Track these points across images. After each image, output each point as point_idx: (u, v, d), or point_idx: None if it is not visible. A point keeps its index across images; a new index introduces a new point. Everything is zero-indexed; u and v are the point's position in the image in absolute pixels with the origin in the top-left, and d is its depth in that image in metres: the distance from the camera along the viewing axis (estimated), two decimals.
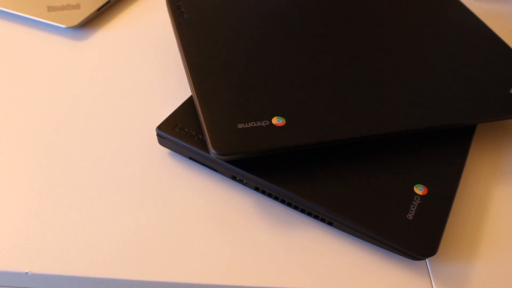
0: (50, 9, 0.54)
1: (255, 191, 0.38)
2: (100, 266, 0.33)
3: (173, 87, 0.47)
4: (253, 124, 0.35)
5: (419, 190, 0.36)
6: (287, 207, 0.37)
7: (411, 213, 0.35)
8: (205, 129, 0.35)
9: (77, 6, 0.55)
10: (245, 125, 0.35)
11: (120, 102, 0.45)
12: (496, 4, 0.65)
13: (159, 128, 0.39)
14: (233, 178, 0.38)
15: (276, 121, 0.36)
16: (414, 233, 0.34)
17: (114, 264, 0.33)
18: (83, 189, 0.38)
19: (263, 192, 0.37)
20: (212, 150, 0.34)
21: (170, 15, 0.46)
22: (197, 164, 0.40)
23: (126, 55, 0.51)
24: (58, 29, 0.54)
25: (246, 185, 0.38)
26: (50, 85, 0.47)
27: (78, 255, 0.34)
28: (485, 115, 0.40)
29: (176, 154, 0.41)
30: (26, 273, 0.33)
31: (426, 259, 0.35)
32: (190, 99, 0.41)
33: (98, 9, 0.55)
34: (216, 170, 0.38)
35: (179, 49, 0.43)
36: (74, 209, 0.36)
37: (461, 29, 0.49)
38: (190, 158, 0.39)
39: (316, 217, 0.36)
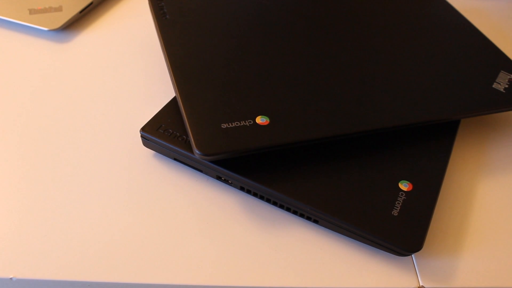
0: (32, 11, 0.54)
1: (241, 191, 0.38)
2: (86, 269, 0.33)
3: (157, 88, 0.47)
4: (237, 123, 0.35)
5: (404, 186, 0.36)
6: (272, 206, 0.37)
7: (396, 209, 0.35)
8: (189, 130, 0.35)
9: (59, 9, 0.55)
10: (229, 125, 0.35)
11: (104, 104, 0.45)
12: (478, 1, 0.65)
13: (143, 129, 0.38)
14: (218, 178, 0.38)
15: (260, 120, 0.36)
16: (400, 229, 0.34)
17: (100, 267, 0.33)
18: (68, 192, 0.38)
19: (248, 192, 0.37)
20: (196, 151, 0.34)
21: (152, 16, 0.46)
22: (182, 165, 0.40)
23: (109, 57, 0.51)
24: (41, 32, 0.54)
25: (231, 185, 0.38)
26: (33, 89, 0.46)
27: (63, 259, 0.34)
28: (468, 110, 0.40)
29: (161, 155, 0.41)
30: (11, 278, 0.33)
31: (412, 255, 0.35)
32: (174, 100, 0.41)
33: (81, 11, 0.55)
34: (201, 171, 0.38)
35: (162, 49, 0.42)
36: (58, 212, 0.36)
37: (443, 26, 0.49)
38: (175, 159, 0.39)
39: (301, 216, 0.36)
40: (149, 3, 0.47)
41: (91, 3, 0.56)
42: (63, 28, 0.54)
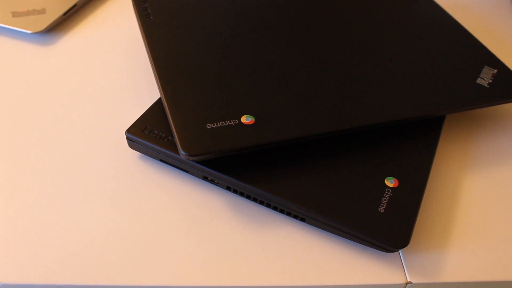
0: (15, 14, 0.53)
1: (227, 191, 0.38)
2: (74, 273, 0.33)
3: (142, 90, 0.47)
4: (222, 123, 0.35)
5: (390, 182, 0.36)
6: (259, 205, 0.37)
7: (383, 206, 0.35)
8: (174, 130, 0.35)
9: (42, 11, 0.54)
10: (214, 125, 0.35)
11: (89, 106, 0.45)
12: None
13: (128, 131, 0.38)
14: (205, 178, 0.38)
15: (245, 119, 0.36)
16: (386, 226, 0.34)
17: (87, 270, 0.33)
18: (54, 195, 0.37)
19: (235, 191, 0.37)
20: (181, 151, 0.33)
21: (136, 17, 0.46)
22: (168, 166, 0.40)
23: (93, 59, 0.50)
24: (24, 35, 0.54)
25: (218, 185, 0.38)
26: (17, 92, 0.46)
27: (50, 263, 0.33)
28: (453, 106, 0.40)
29: (147, 156, 0.40)
30: None
31: (399, 251, 0.36)
32: (159, 101, 0.41)
33: (64, 13, 0.55)
34: (187, 171, 0.38)
35: (146, 51, 0.42)
36: (45, 216, 0.36)
37: (427, 22, 0.50)
38: (161, 160, 0.39)
39: (288, 214, 0.36)
40: (132, 4, 0.47)
41: (74, 5, 0.56)
42: (46, 31, 0.54)
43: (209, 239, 0.35)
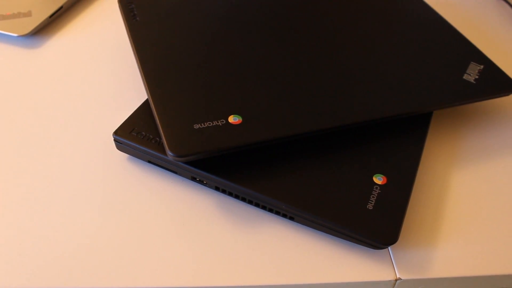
0: (1, 17, 0.53)
1: (216, 191, 0.38)
2: (61, 276, 0.33)
3: (129, 91, 0.47)
4: (209, 124, 0.35)
5: (378, 179, 0.36)
6: (248, 205, 0.37)
7: (371, 203, 0.35)
8: (161, 131, 0.35)
9: (28, 14, 0.54)
10: (201, 125, 0.35)
11: (77, 109, 0.44)
12: None
13: (116, 133, 0.38)
14: (193, 179, 0.38)
15: (233, 119, 0.36)
16: (375, 223, 0.34)
17: (76, 273, 0.33)
18: (41, 198, 0.37)
19: (223, 192, 0.37)
20: (169, 152, 0.33)
21: (123, 18, 0.46)
22: (156, 167, 0.40)
23: (80, 62, 0.50)
24: (10, 38, 0.53)
25: (206, 185, 0.38)
26: (3, 95, 0.46)
27: (37, 266, 0.33)
28: (440, 102, 0.41)
29: (135, 158, 0.40)
30: None
31: (388, 247, 0.36)
32: (146, 103, 0.41)
33: (51, 16, 0.54)
34: (175, 172, 0.38)
35: (133, 52, 0.42)
36: (31, 219, 0.36)
37: (413, 19, 0.50)
38: (149, 162, 0.39)
39: (277, 213, 0.36)
40: (119, 5, 0.47)
41: (61, 8, 0.55)
42: (33, 34, 0.54)
43: (198, 240, 0.35)
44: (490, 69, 0.45)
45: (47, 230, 0.35)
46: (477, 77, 0.44)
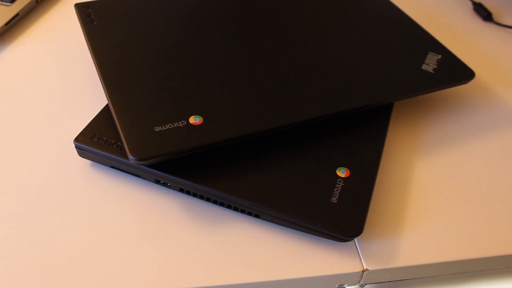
0: None
1: (181, 193, 0.38)
2: (24, 285, 0.32)
3: (89, 97, 0.46)
4: (170, 125, 0.35)
5: (342, 172, 0.37)
6: (214, 205, 0.37)
7: (335, 196, 0.35)
8: (122, 136, 0.34)
9: None
10: (162, 128, 0.35)
11: (37, 117, 0.44)
12: None
13: (77, 139, 0.38)
14: (157, 182, 0.37)
15: (193, 120, 0.36)
16: (340, 216, 0.34)
17: (39, 282, 0.32)
18: (2, 207, 0.36)
19: (188, 193, 0.37)
20: (130, 156, 0.33)
21: (80, 23, 0.45)
22: (120, 172, 0.39)
23: (39, 69, 0.49)
24: None
25: (170, 188, 0.37)
26: None
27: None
28: (399, 93, 0.41)
29: (98, 164, 0.40)
30: None
31: (354, 239, 0.36)
32: (106, 108, 0.40)
33: (6, 23, 0.53)
34: (139, 176, 0.38)
35: (91, 57, 0.42)
36: None
37: (370, 11, 0.50)
38: (112, 167, 0.38)
39: (243, 211, 0.36)
40: (76, 11, 0.46)
41: (17, 15, 0.54)
42: None
43: (165, 242, 0.35)
44: (448, 58, 0.46)
45: (8, 241, 0.34)
46: (435, 66, 0.44)
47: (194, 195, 0.37)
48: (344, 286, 0.36)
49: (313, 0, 0.51)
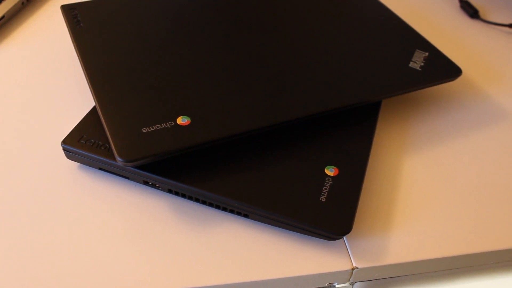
0: None
1: (169, 194, 0.38)
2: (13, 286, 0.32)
3: (77, 99, 0.46)
4: (157, 126, 0.35)
5: (330, 171, 0.37)
6: (202, 205, 0.37)
7: (324, 195, 0.35)
8: (110, 137, 0.34)
9: None
10: (149, 129, 0.35)
11: (24, 119, 0.43)
12: None
13: (64, 142, 0.37)
14: (146, 183, 0.37)
15: (181, 120, 0.36)
16: (328, 214, 0.34)
17: (28, 283, 0.32)
18: None
19: (176, 194, 0.37)
20: (118, 158, 0.33)
21: (66, 25, 0.45)
22: (108, 174, 0.39)
23: (25, 71, 0.49)
24: None
25: (159, 189, 0.37)
26: None
27: None
28: (387, 91, 0.41)
29: (86, 166, 0.40)
30: None
31: (344, 237, 0.36)
32: (94, 109, 0.40)
33: None
34: (127, 178, 0.38)
35: (78, 59, 0.41)
36: None
37: (358, 9, 0.51)
38: (100, 169, 0.38)
39: (231, 211, 0.36)
40: (62, 12, 0.46)
41: (2, 17, 0.54)
42: None
43: (154, 244, 0.35)
44: (435, 55, 0.46)
45: None
46: (422, 64, 0.44)
47: (183, 195, 0.37)
48: (334, 284, 0.36)
49: (298, 1, 0.51)
